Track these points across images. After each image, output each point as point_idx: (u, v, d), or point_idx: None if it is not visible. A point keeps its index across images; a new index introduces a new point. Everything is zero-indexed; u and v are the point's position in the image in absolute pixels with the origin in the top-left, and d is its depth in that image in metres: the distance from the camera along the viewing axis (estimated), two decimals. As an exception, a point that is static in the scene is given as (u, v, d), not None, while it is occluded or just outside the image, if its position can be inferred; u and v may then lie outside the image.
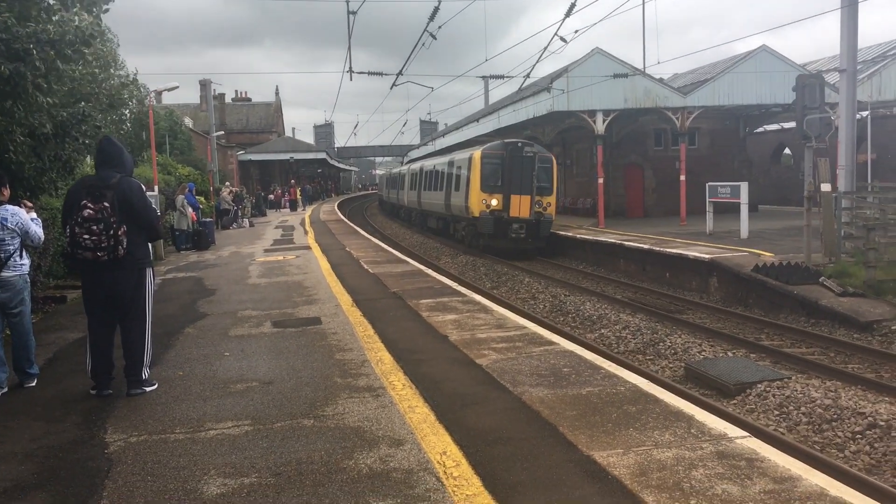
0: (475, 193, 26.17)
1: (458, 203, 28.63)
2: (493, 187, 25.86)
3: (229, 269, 16.86)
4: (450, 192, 30.27)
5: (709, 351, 12.34)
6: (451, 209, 30.50)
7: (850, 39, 19.55)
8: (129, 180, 6.87)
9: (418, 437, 5.41)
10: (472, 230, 27.60)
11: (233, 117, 72.04)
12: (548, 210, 26.03)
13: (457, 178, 29.13)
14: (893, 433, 8.12)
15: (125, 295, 6.80)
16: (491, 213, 25.66)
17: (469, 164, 27.02)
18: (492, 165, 26.03)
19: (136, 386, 6.84)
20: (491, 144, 27.28)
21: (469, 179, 26.81)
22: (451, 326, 9.39)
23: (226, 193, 33.71)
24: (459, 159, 29.32)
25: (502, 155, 25.95)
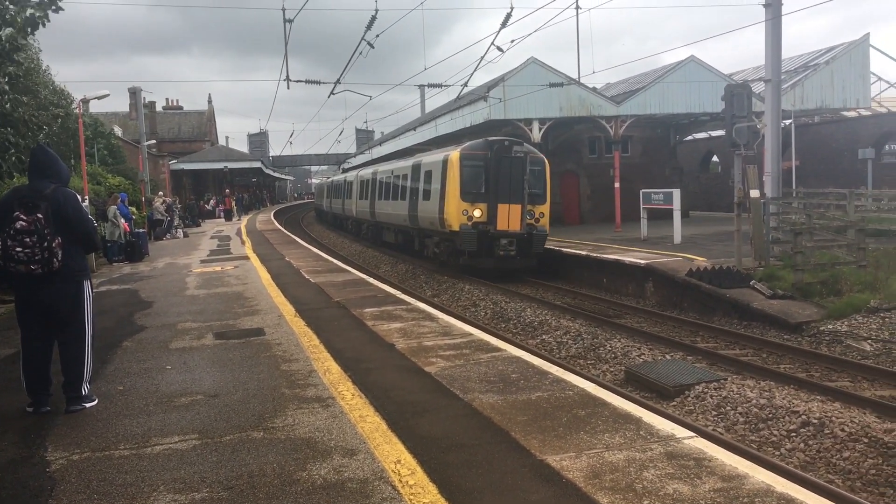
0: (453, 203, 21.94)
1: (429, 215, 24.18)
2: (476, 195, 21.82)
3: (166, 281, 16.49)
4: (416, 202, 26.01)
5: (647, 354, 12.61)
6: (418, 221, 25.96)
7: (774, 51, 20.36)
8: (63, 190, 6.66)
9: (371, 446, 5.39)
10: (449, 247, 23.29)
11: (164, 126, 70.53)
12: (541, 221, 22.11)
13: (426, 184, 24.90)
14: (826, 431, 8.43)
15: (62, 309, 6.60)
16: (473, 226, 21.50)
17: (444, 168, 22.78)
18: (473, 169, 21.93)
19: (75, 402, 6.63)
20: (471, 144, 22.83)
21: (444, 186, 22.58)
22: (398, 335, 9.38)
23: (158, 203, 32.98)
24: (429, 162, 25.01)
25: (485, 156, 21.83)
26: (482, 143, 22.47)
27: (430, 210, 24.17)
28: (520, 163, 21.53)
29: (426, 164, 25.36)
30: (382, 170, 33.42)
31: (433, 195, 23.74)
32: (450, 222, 22.15)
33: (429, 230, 25.17)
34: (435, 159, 24.39)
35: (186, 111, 76.01)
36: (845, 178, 31.21)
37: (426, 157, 26.29)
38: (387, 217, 31.48)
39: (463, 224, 21.59)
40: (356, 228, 41.65)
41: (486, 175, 21.77)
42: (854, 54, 30.89)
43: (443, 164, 22.95)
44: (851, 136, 33.50)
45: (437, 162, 23.79)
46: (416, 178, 26.34)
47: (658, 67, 34.06)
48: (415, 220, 26.32)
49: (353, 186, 40.16)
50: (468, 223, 21.57)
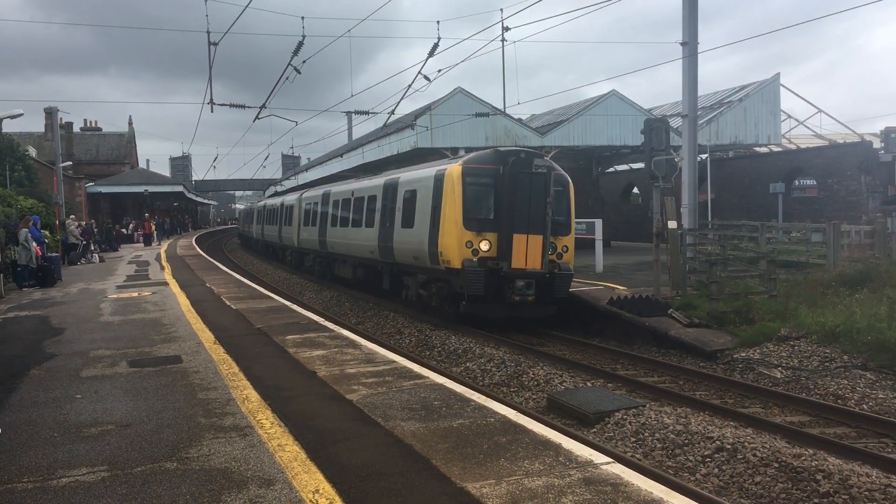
0: (452, 232, 16.95)
1: (411, 247, 19.21)
2: (483, 222, 16.99)
3: (79, 307, 15.90)
4: (390, 230, 20.79)
5: (569, 381, 12.75)
6: (392, 254, 20.71)
7: (691, 87, 21.14)
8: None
9: (289, 475, 5.28)
10: (443, 289, 18.24)
11: (82, 148, 68.41)
12: (564, 257, 17.42)
13: (406, 208, 19.83)
14: (739, 456, 8.66)
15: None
16: (480, 262, 16.66)
17: (437, 187, 17.91)
18: (480, 188, 17.23)
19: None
20: (477, 156, 18.10)
21: (439, 210, 17.56)
22: (320, 362, 9.27)
23: (74, 227, 31.88)
24: (412, 180, 20.02)
25: (496, 171, 17.10)
26: (491, 155, 17.70)
27: (412, 241, 19.10)
28: (541, 181, 16.82)
29: (407, 183, 20.28)
30: (338, 191, 27.86)
31: (419, 222, 18.78)
32: (447, 257, 17.11)
33: (410, 266, 19.97)
34: (421, 175, 19.55)
35: (105, 133, 73.96)
36: (758, 210, 32.50)
37: (406, 174, 21.19)
38: (344, 248, 26.05)
39: (467, 260, 16.66)
40: (297, 260, 35.67)
41: (496, 196, 17.07)
42: (766, 92, 32.35)
43: (435, 182, 18.08)
44: (763, 170, 34.94)
45: (426, 178, 18.83)
46: (389, 200, 21.22)
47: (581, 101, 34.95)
48: (388, 253, 21.02)
49: (295, 211, 34.57)
50: (473, 259, 16.70)
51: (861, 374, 12.23)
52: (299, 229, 33.57)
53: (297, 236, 34.01)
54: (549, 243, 16.80)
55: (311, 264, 32.70)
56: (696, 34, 20.44)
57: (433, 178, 18.30)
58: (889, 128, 37.80)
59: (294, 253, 36.25)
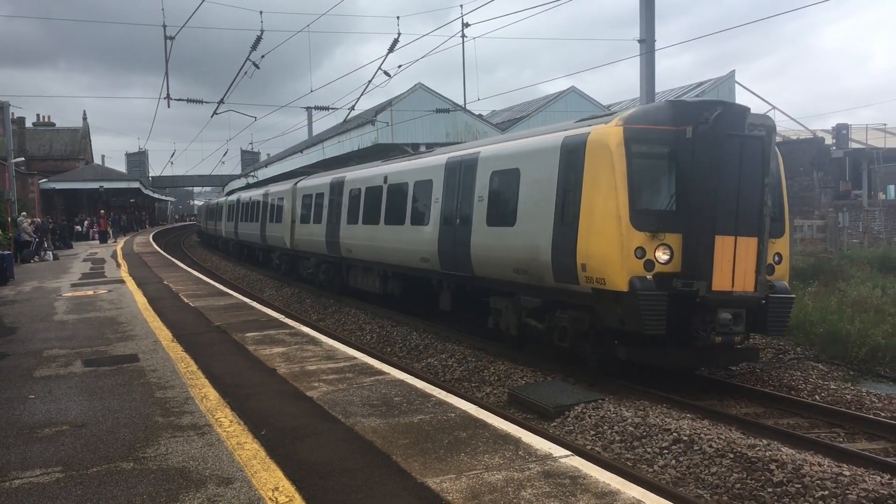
0: (609, 232, 11.04)
1: (519, 254, 12.89)
2: (661, 218, 11.07)
3: (31, 306, 15.58)
4: (465, 228, 14.65)
5: (530, 376, 12.83)
6: (474, 264, 14.37)
7: (649, 84, 21.41)
8: None
9: (248, 474, 5.25)
10: (583, 323, 12.00)
11: (34, 143, 66.94)
12: (777, 271, 11.64)
13: (497, 196, 13.81)
14: (695, 447, 8.80)
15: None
16: (657, 280, 10.81)
17: (572, 163, 11.78)
18: (653, 163, 11.36)
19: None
20: (643, 111, 11.89)
21: (577, 198, 11.57)
22: (280, 359, 9.21)
23: (26, 224, 31.20)
24: (511, 154, 13.61)
25: (678, 136, 11.12)
26: (667, 111, 11.35)
27: (515, 245, 13.01)
28: (757, 150, 10.93)
29: (497, 159, 14.05)
30: (358, 177, 21.37)
31: (528, 216, 12.72)
32: (599, 272, 11.04)
33: (505, 283, 13.64)
34: (529, 147, 13.19)
35: (59, 128, 72.45)
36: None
37: (492, 147, 14.62)
38: (372, 253, 19.71)
39: (638, 278, 10.70)
40: (289, 266, 29.47)
41: (678, 175, 11.14)
42: (721, 89, 32.92)
43: (565, 156, 11.96)
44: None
45: (542, 152, 12.65)
46: (460, 186, 15.18)
47: (541, 97, 35.20)
48: (456, 262, 15.09)
49: (287, 205, 28.06)
50: (646, 275, 10.76)
51: (813, 366, 12.54)
52: (294, 227, 26.94)
53: (291, 236, 27.20)
54: (766, 251, 10.98)
55: (312, 272, 25.76)
56: (653, 31, 20.70)
57: (559, 151, 12.12)
58: (840, 124, 38.72)
59: (284, 257, 29.57)
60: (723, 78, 32.91)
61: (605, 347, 11.88)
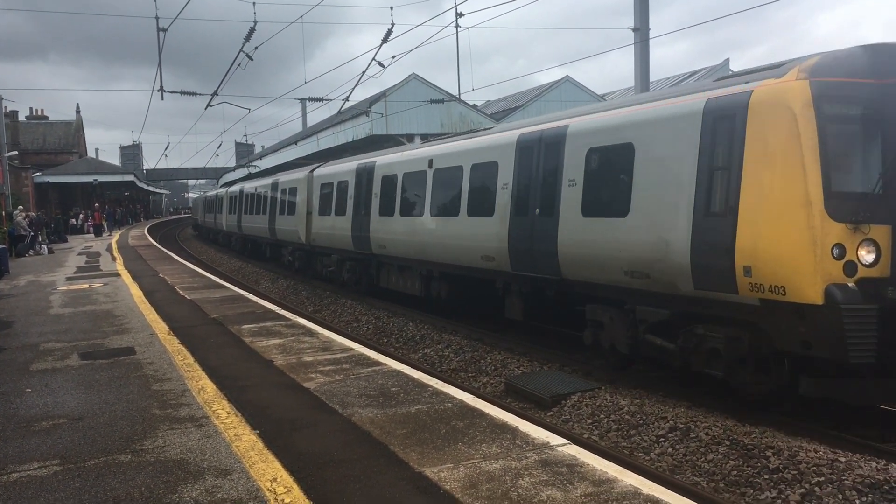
0: (792, 223, 8.37)
1: (638, 251, 10.34)
2: (863, 203, 8.30)
3: (27, 300, 15.55)
4: (549, 220, 12.18)
5: (526, 366, 12.86)
6: (561, 262, 11.98)
7: (643, 72, 21.38)
8: None
9: (246, 465, 5.26)
10: (745, 343, 9.19)
11: (28, 136, 66.64)
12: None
13: (596, 179, 11.44)
14: (692, 435, 8.84)
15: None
16: (861, 288, 8.14)
17: (726, 133, 9.16)
18: (848, 129, 8.60)
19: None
20: (833, 58, 8.63)
21: (736, 177, 8.96)
22: (276, 351, 9.22)
23: (21, 218, 31.12)
24: (613, 126, 11.20)
25: (882, 91, 8.44)
26: (862, 57, 8.60)
27: (630, 240, 10.52)
28: None
29: (594, 133, 11.53)
30: (391, 162, 18.50)
31: (648, 204, 10.28)
32: (781, 275, 8.49)
33: (611, 287, 11.13)
34: (657, 115, 10.41)
35: (52, 121, 72.11)
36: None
37: (583, 120, 11.98)
38: (409, 248, 16.93)
39: (838, 286, 8.18)
40: (304, 262, 26.50)
41: (884, 146, 8.54)
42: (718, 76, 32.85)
43: (712, 123, 9.40)
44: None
45: (681, 118, 9.92)
46: (540, 168, 12.51)
47: (535, 87, 35.15)
48: (535, 259, 12.49)
49: (302, 196, 25.35)
50: (848, 282, 8.24)
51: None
52: (310, 220, 24.66)
53: (307, 230, 24.92)
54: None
55: (333, 270, 23.29)
56: (647, 20, 20.66)
57: (700, 118, 9.53)
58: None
59: (299, 253, 27.06)
60: (717, 66, 32.87)
61: (773, 376, 9.13)
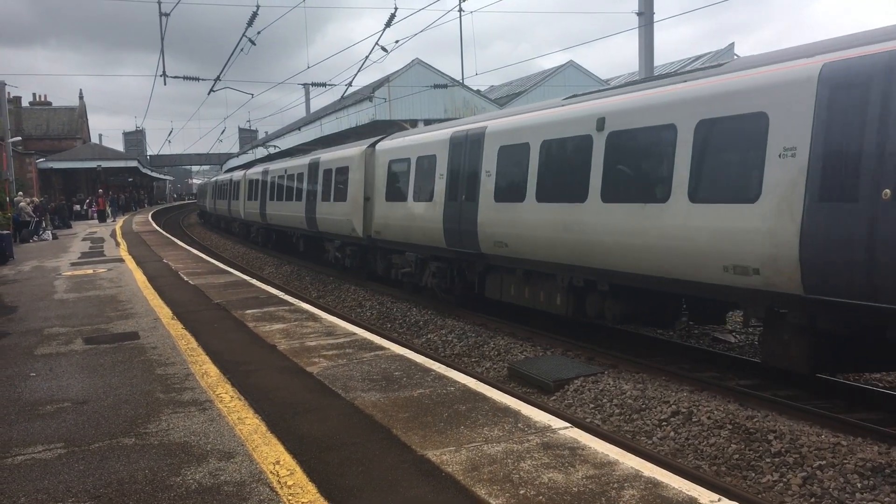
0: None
1: None
2: None
3: (31, 285, 15.60)
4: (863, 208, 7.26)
5: (529, 351, 12.88)
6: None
7: (648, 57, 21.27)
8: None
9: (249, 448, 5.28)
10: None
11: (31, 122, 66.65)
12: None
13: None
14: (694, 419, 8.86)
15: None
16: None
17: None
18: None
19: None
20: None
21: None
22: (280, 336, 9.24)
23: (25, 204, 31.17)
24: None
25: None
26: None
27: None
28: None
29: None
30: (519, 125, 13.18)
31: None
32: None
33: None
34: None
35: (56, 107, 72.10)
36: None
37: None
38: (555, 248, 12.18)
39: None
40: (357, 260, 21.32)
41: None
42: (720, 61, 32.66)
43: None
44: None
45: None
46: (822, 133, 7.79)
47: (539, 72, 35.00)
48: (848, 272, 7.56)
49: (354, 177, 19.77)
50: None
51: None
52: (371, 208, 18.97)
53: (366, 220, 19.22)
54: None
55: (410, 271, 17.64)
56: (651, 4, 20.53)
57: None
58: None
59: (351, 248, 21.44)
60: (722, 51, 32.69)
61: None
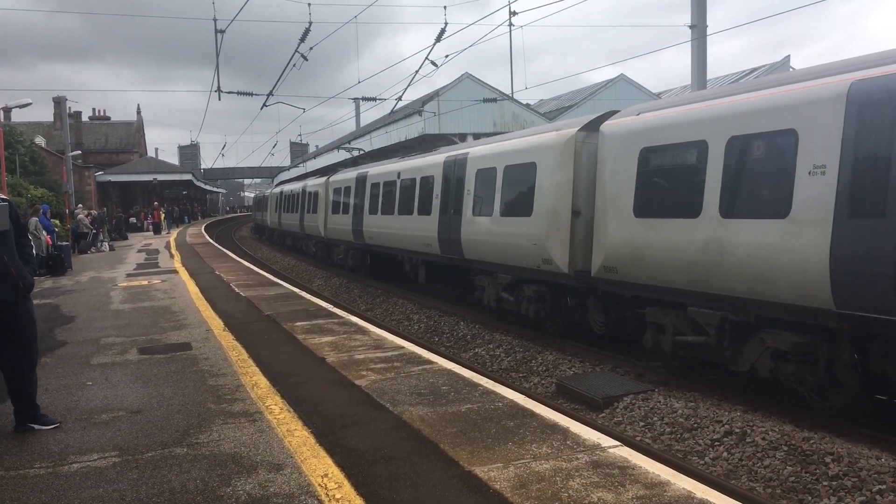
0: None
1: None
2: None
3: (89, 295, 16.00)
4: None
5: (578, 367, 12.75)
6: None
7: (700, 70, 21.00)
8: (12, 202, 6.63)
9: (298, 460, 5.32)
10: None
11: (91, 136, 68.68)
12: None
13: None
14: (748, 439, 8.65)
15: (26, 322, 6.48)
16: None
17: None
18: None
19: (41, 420, 6.37)
20: None
21: None
22: (328, 348, 9.30)
23: (83, 216, 32.05)
24: None
25: None
26: None
27: None
28: None
29: None
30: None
31: None
32: None
33: None
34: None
35: (114, 122, 74.19)
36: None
37: None
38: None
39: None
40: (545, 305, 14.65)
41: None
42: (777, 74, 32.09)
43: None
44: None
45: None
46: None
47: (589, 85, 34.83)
48: None
49: (544, 181, 13.40)
50: None
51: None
52: (576, 225, 12.98)
53: (575, 243, 13.06)
54: None
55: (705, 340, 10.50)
56: (704, 16, 20.31)
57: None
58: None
59: (530, 286, 14.72)
60: (777, 63, 32.08)
61: None
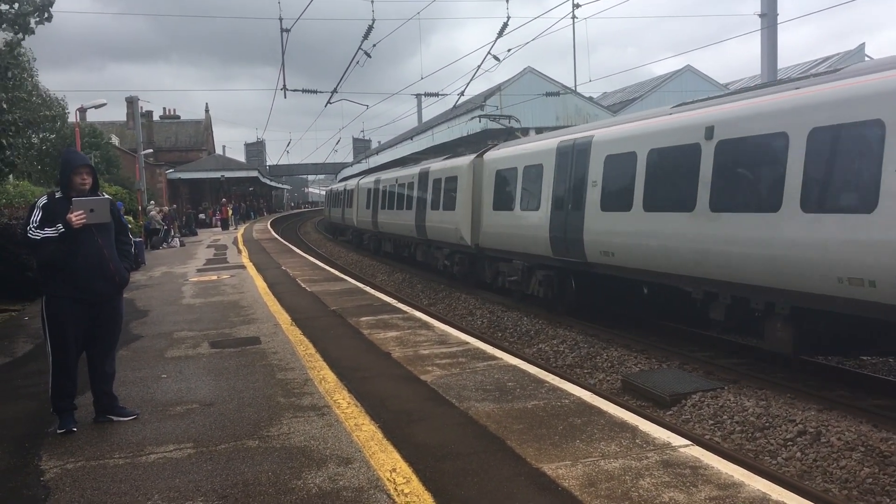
0: None
1: None
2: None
3: (162, 290, 16.46)
4: None
5: (644, 363, 12.57)
6: None
7: (771, 59, 20.46)
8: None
9: (366, 454, 5.37)
10: None
11: (161, 135, 70.66)
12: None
13: None
14: (822, 440, 8.40)
15: (116, 317, 6.60)
16: None
17: None
18: None
19: (120, 411, 6.60)
20: None
21: None
22: (394, 343, 9.37)
23: (155, 212, 33.01)
24: None
25: None
26: None
27: None
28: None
29: None
30: None
31: None
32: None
33: None
34: None
35: (183, 120, 76.19)
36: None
37: None
38: None
39: None
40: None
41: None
42: (851, 63, 31.01)
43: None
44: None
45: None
46: None
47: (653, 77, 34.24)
48: None
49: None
50: None
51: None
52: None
53: None
54: None
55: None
56: (775, 4, 19.78)
57: None
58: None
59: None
60: (852, 51, 31.02)
61: None
